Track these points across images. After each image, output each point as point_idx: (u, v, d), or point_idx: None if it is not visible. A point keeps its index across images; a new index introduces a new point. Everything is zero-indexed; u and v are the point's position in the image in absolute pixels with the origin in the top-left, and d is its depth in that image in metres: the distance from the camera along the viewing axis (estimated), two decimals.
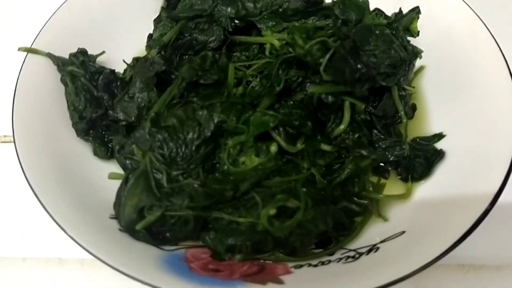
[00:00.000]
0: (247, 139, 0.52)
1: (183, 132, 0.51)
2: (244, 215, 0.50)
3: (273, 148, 0.52)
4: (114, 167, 0.58)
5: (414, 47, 0.59)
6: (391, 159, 0.57)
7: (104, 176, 0.57)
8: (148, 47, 0.63)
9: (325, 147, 0.56)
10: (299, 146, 0.54)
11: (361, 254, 0.51)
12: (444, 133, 0.61)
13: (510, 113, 0.56)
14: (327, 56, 0.52)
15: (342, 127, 0.55)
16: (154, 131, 0.51)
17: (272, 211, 0.49)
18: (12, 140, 0.62)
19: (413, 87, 0.65)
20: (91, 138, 0.59)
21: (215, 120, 0.52)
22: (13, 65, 0.60)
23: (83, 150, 0.59)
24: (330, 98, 0.53)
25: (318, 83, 0.54)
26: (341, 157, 0.57)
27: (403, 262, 0.46)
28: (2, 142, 0.66)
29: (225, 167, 0.52)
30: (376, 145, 0.57)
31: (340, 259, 0.51)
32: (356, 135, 0.56)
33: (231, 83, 0.55)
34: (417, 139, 0.61)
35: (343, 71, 0.52)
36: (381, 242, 0.52)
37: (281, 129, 0.54)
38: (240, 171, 0.51)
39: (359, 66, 0.52)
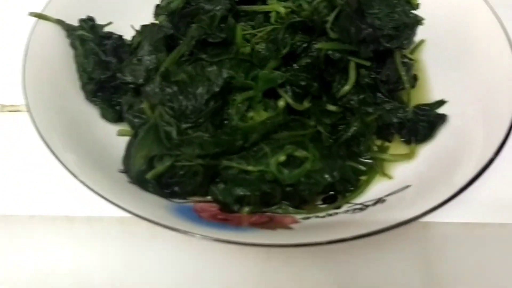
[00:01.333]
0: (255, 94, 0.53)
1: (193, 87, 0.52)
2: (253, 164, 0.50)
3: (281, 103, 0.53)
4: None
5: (415, 15, 0.61)
6: (395, 120, 0.58)
7: (112, 135, 0.57)
8: (156, 14, 0.64)
9: (331, 107, 0.57)
10: (306, 104, 0.55)
11: (367, 206, 0.52)
12: (445, 100, 0.62)
13: (508, 77, 0.57)
14: (334, 13, 0.54)
15: (347, 87, 0.57)
16: (164, 85, 0.52)
17: (282, 158, 0.50)
18: (19, 109, 0.64)
19: (414, 59, 0.67)
20: (99, 101, 0.60)
21: (224, 76, 0.53)
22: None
23: (92, 112, 0.60)
24: (337, 55, 0.54)
25: (325, 40, 0.55)
26: (345, 118, 0.58)
27: (409, 209, 0.47)
28: (9, 111, 0.66)
29: (234, 122, 0.52)
30: (381, 107, 0.59)
31: (347, 211, 0.52)
32: (361, 96, 0.57)
33: (239, 42, 0.56)
34: (420, 106, 0.62)
35: (349, 30, 0.54)
36: (387, 195, 0.53)
37: (288, 88, 0.55)
38: (248, 126, 0.52)
39: (364, 26, 0.54)
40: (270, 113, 0.53)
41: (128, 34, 0.65)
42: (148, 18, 0.65)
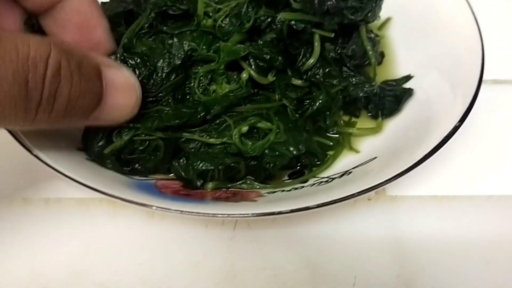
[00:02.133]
0: (218, 67, 0.52)
1: (154, 60, 0.51)
2: (215, 137, 0.49)
3: (244, 75, 0.52)
4: None
5: None
6: (361, 94, 0.58)
7: None
8: None
9: (296, 81, 0.56)
10: (270, 78, 0.54)
11: (333, 179, 0.51)
12: (411, 75, 0.62)
13: (472, 49, 0.57)
14: None
15: (312, 60, 0.56)
16: (126, 56, 0.50)
17: (244, 129, 0.49)
18: None
19: (380, 35, 0.66)
20: None
21: (185, 48, 0.51)
22: None
23: None
24: (300, 25, 0.53)
25: (288, 11, 0.54)
26: (311, 93, 0.57)
27: (374, 178, 0.46)
28: None
29: (196, 96, 0.51)
30: (346, 80, 0.58)
31: (313, 184, 0.51)
32: (327, 70, 0.56)
33: (200, 13, 0.55)
34: (387, 82, 0.62)
35: (313, 2, 0.53)
36: (354, 168, 0.52)
37: (251, 61, 0.54)
38: (211, 99, 0.51)
39: None
40: (233, 86, 0.51)
41: None
42: None
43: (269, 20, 0.56)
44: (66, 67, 0.37)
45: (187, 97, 0.52)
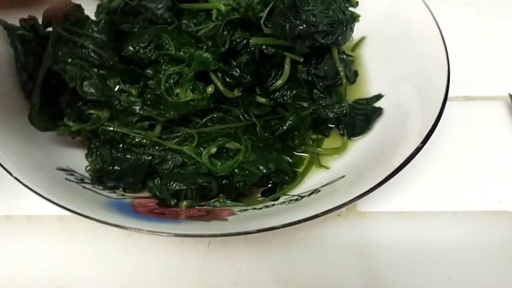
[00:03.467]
0: (188, 72, 0.54)
1: None
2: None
3: (210, 89, 0.54)
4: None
5: (352, 12, 0.62)
6: (331, 116, 0.60)
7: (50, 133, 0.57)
8: (97, 13, 0.65)
9: (260, 99, 0.58)
10: (236, 93, 0.56)
11: (303, 197, 0.53)
12: (382, 94, 0.64)
13: (440, 69, 0.59)
14: (267, 9, 0.55)
15: (280, 81, 0.58)
16: None
17: (213, 150, 0.51)
18: None
19: (353, 55, 0.69)
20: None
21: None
22: None
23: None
24: (271, 50, 0.56)
25: (261, 35, 0.56)
26: (277, 113, 0.59)
27: (342, 196, 0.48)
28: None
29: (159, 92, 0.53)
30: (317, 103, 0.60)
31: (284, 202, 0.53)
32: (295, 91, 0.58)
33: None
34: (358, 101, 0.64)
35: (283, 26, 0.55)
36: (323, 186, 0.54)
37: (220, 75, 0.56)
38: (172, 101, 0.53)
39: (298, 22, 0.55)
40: (196, 96, 0.53)
41: None
42: (91, 16, 0.65)
43: (244, 42, 0.59)
44: None
45: (148, 89, 0.54)
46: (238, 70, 0.56)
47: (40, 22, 0.61)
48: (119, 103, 0.51)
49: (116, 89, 0.51)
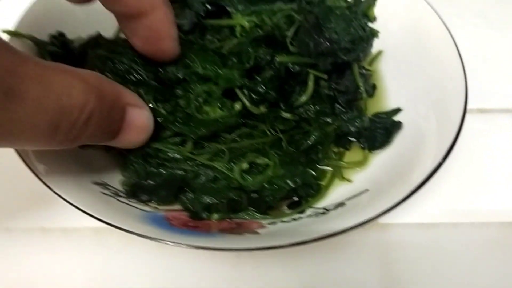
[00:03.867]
0: (216, 90, 0.56)
1: None
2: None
3: (238, 106, 0.56)
4: None
5: (371, 28, 0.65)
6: (352, 129, 0.62)
7: None
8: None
9: (285, 114, 0.60)
10: (262, 109, 0.58)
11: (329, 210, 0.56)
12: (401, 108, 0.66)
13: (457, 87, 0.61)
14: (293, 29, 0.58)
15: (304, 97, 0.60)
16: None
17: (245, 165, 0.53)
18: None
19: (373, 68, 0.71)
20: None
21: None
22: None
23: None
24: (296, 68, 0.58)
25: (286, 54, 0.58)
26: (301, 128, 0.61)
27: (366, 212, 0.51)
28: None
29: (189, 111, 0.55)
30: (339, 117, 0.62)
31: (310, 215, 0.56)
32: (318, 107, 0.61)
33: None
34: (377, 114, 0.67)
35: (308, 44, 0.58)
36: (347, 199, 0.57)
37: (246, 92, 0.58)
38: (202, 119, 0.55)
39: (322, 40, 0.57)
40: (225, 113, 0.55)
41: None
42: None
43: (268, 58, 0.61)
44: (97, 114, 0.41)
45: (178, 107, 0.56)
46: (263, 86, 0.58)
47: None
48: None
49: (150, 106, 0.53)
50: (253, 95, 0.59)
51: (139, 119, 0.48)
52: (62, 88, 0.37)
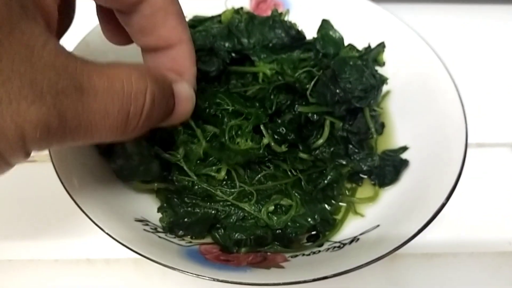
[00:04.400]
0: (248, 125, 0.62)
1: None
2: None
3: (265, 140, 0.63)
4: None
5: (381, 75, 0.71)
6: (364, 169, 0.69)
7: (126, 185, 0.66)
8: None
9: (302, 154, 0.67)
10: (283, 148, 0.64)
11: (345, 244, 0.62)
12: (407, 146, 0.73)
13: (458, 128, 0.68)
14: (312, 82, 0.65)
15: (321, 141, 0.67)
16: None
17: (271, 208, 0.60)
18: (35, 159, 0.72)
19: (381, 108, 0.78)
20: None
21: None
22: None
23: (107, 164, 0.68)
24: (315, 117, 0.65)
25: (305, 104, 0.65)
26: (317, 167, 0.68)
27: (379, 247, 0.57)
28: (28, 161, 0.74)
29: (223, 140, 0.61)
30: (352, 157, 0.69)
31: (328, 249, 0.62)
32: (332, 149, 0.67)
33: None
34: (386, 152, 0.73)
35: (325, 95, 0.65)
36: (361, 234, 0.63)
37: (269, 131, 0.64)
38: (235, 148, 0.61)
39: (337, 90, 0.64)
40: (254, 145, 0.62)
41: None
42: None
43: (288, 103, 0.68)
44: (158, 96, 0.46)
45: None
46: (283, 128, 0.65)
47: None
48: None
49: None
50: (275, 136, 0.65)
51: (184, 91, 0.53)
52: (123, 78, 0.41)
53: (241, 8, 0.76)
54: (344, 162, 0.66)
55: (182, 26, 0.52)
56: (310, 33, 0.76)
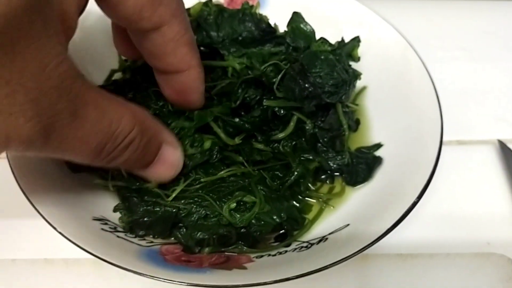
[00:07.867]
0: (189, 128, 0.60)
1: None
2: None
3: (207, 144, 0.60)
4: None
5: (354, 70, 0.69)
6: (333, 167, 0.67)
7: (85, 183, 0.63)
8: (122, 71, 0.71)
9: (258, 145, 0.64)
10: (237, 140, 0.62)
11: (312, 244, 0.60)
12: (382, 143, 0.71)
13: (433, 126, 0.66)
14: (279, 76, 0.62)
15: (281, 134, 0.64)
16: None
17: (233, 205, 0.58)
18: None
19: (357, 104, 0.75)
20: None
21: None
22: None
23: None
24: (282, 111, 0.62)
25: (273, 98, 0.63)
26: (279, 159, 0.65)
27: (347, 247, 0.55)
28: None
29: None
30: (320, 156, 0.67)
31: (295, 249, 0.60)
32: (293, 143, 0.65)
33: None
34: (360, 149, 0.71)
35: (294, 89, 0.62)
36: (330, 234, 0.61)
37: (220, 124, 0.62)
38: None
39: (306, 85, 0.62)
40: (194, 151, 0.60)
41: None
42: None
43: (258, 98, 0.65)
44: (137, 143, 0.48)
45: None
46: (239, 119, 0.62)
47: None
48: None
49: None
50: (227, 127, 0.63)
51: (171, 156, 0.55)
52: (114, 116, 0.43)
53: (210, 0, 0.74)
54: (310, 157, 0.64)
55: (192, 54, 0.54)
56: (284, 26, 0.74)
